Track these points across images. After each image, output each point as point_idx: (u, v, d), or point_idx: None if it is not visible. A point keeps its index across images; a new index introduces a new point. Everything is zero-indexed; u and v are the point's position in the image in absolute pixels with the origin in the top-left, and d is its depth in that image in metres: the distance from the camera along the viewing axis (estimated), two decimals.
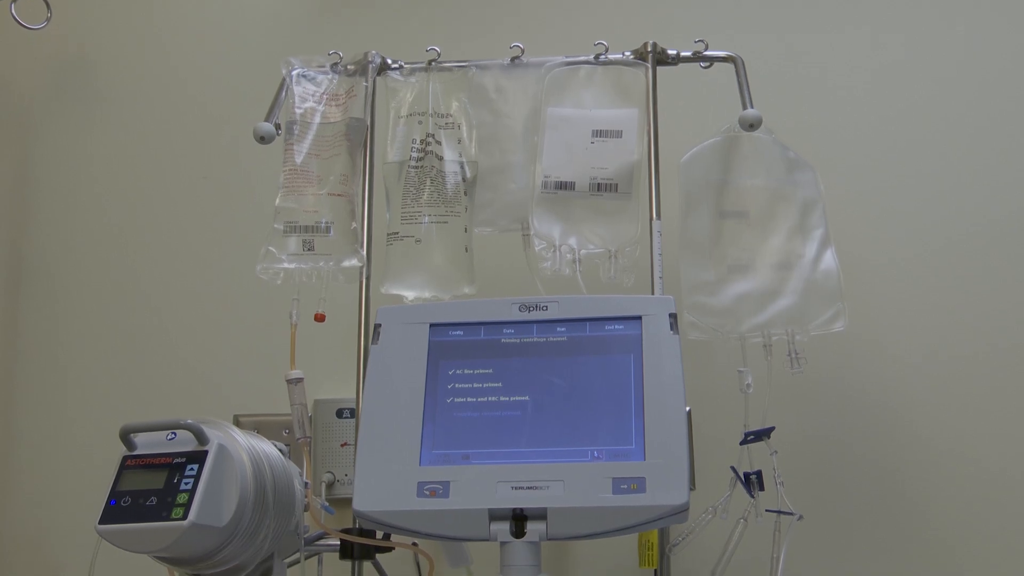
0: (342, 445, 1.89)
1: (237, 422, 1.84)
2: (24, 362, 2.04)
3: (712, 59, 1.68)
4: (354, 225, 1.62)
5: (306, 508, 1.44)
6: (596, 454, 1.29)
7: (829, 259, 1.52)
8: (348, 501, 1.32)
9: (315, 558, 1.66)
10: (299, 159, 1.64)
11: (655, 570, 1.55)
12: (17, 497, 1.99)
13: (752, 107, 1.59)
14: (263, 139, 1.63)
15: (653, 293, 1.57)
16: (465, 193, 1.65)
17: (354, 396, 1.64)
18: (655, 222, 1.61)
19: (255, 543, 1.33)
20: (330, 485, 1.87)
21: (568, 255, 1.58)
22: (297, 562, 1.46)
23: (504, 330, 1.40)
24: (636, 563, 1.55)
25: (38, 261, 2.08)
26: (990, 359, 1.81)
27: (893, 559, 1.77)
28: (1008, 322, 1.82)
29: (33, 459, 2.00)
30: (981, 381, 1.81)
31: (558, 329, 1.39)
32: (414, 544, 1.53)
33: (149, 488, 1.24)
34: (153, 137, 2.09)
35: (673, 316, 1.36)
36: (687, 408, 1.31)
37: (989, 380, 1.81)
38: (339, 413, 1.91)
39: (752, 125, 1.57)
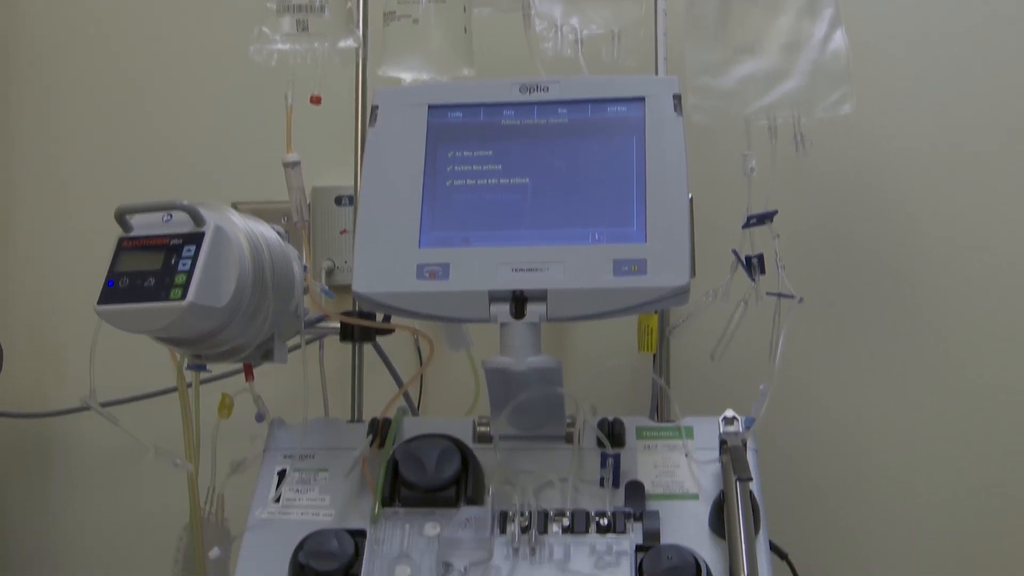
0: (341, 233, 1.88)
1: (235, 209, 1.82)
2: (19, 159, 2.02)
3: None
4: (349, 4, 1.57)
5: (305, 291, 1.44)
6: (597, 236, 1.28)
7: (839, 39, 1.48)
8: (348, 288, 1.31)
9: (316, 343, 1.66)
10: None
11: (654, 355, 1.57)
12: (18, 285, 2.00)
13: None
14: None
15: (657, 75, 1.53)
16: None
17: (352, 184, 1.63)
18: (660, 1, 1.56)
19: (255, 324, 1.34)
20: (329, 272, 1.88)
21: (570, 35, 1.54)
22: (298, 346, 1.47)
23: (504, 112, 1.37)
24: (635, 348, 1.56)
25: (27, 50, 2.04)
26: (1000, 152, 1.79)
27: (891, 344, 1.79)
28: (1021, 113, 1.79)
29: (31, 250, 2.00)
30: (987, 175, 1.79)
31: (559, 111, 1.36)
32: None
33: (147, 269, 1.24)
34: None
35: (677, 97, 1.33)
36: (689, 195, 1.30)
37: (996, 175, 1.79)
38: (338, 200, 1.89)
39: None
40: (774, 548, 1.45)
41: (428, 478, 1.34)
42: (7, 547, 1.94)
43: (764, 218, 1.45)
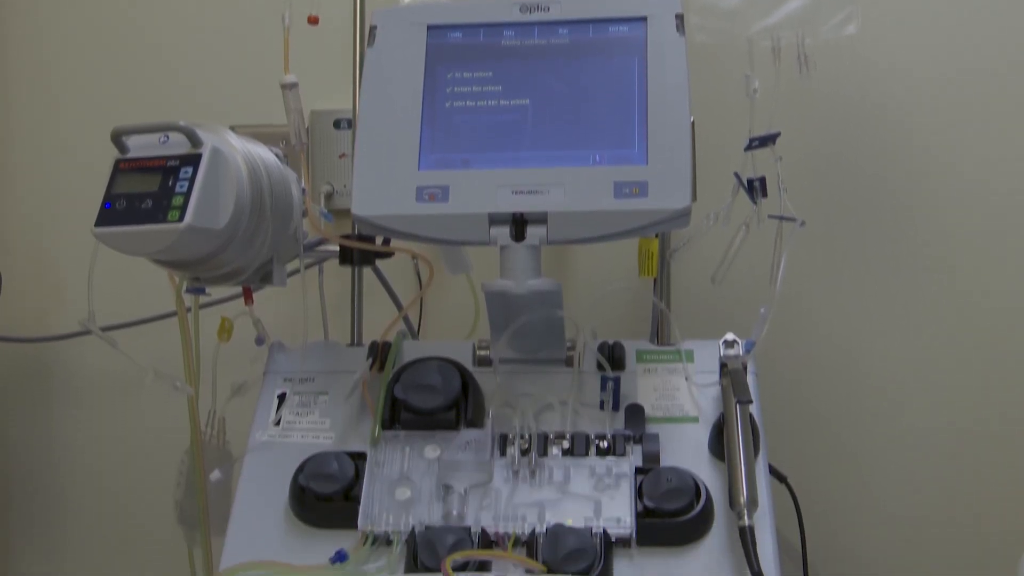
0: (340, 156, 1.87)
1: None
2: (14, 82, 2.00)
3: None
4: None
5: (304, 214, 1.43)
6: (597, 158, 1.27)
7: None
8: (347, 212, 1.30)
9: (315, 267, 1.66)
10: None
11: (655, 279, 1.56)
12: (15, 210, 1.99)
13: None
14: None
15: None
16: None
17: (351, 107, 1.61)
18: None
19: (253, 247, 1.33)
20: (328, 196, 1.86)
21: None
22: (297, 270, 1.46)
23: (504, 32, 1.35)
24: (636, 272, 1.55)
25: None
26: (1006, 76, 1.77)
27: (892, 269, 1.78)
28: None
29: (28, 173, 1.99)
30: (993, 99, 1.77)
31: (560, 31, 1.34)
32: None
33: (144, 191, 1.23)
34: None
35: (679, 17, 1.31)
36: (691, 117, 1.28)
37: (1002, 99, 1.77)
38: (336, 124, 1.88)
39: None
40: (773, 471, 1.45)
41: (428, 401, 1.34)
42: (9, 472, 1.95)
43: (767, 140, 1.43)
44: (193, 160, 1.24)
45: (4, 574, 1.93)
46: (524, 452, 1.32)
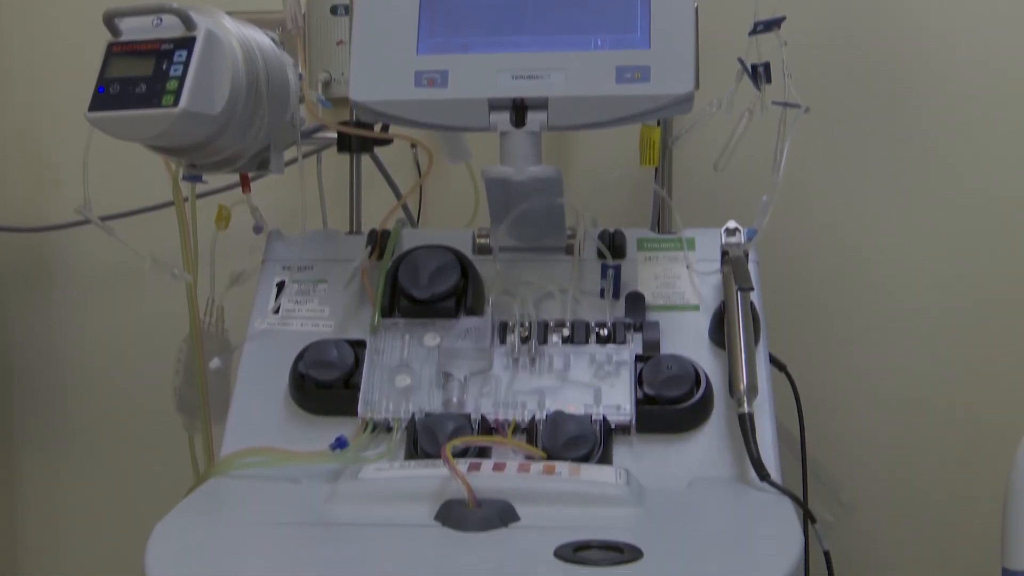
0: (338, 43, 1.83)
1: None
2: None
3: None
4: None
5: (301, 100, 1.41)
6: (599, 42, 1.24)
7: None
8: (346, 101, 1.28)
9: (314, 156, 1.64)
10: None
11: (656, 168, 1.54)
12: (8, 97, 1.96)
13: None
14: None
15: None
16: None
17: None
18: None
19: (250, 133, 1.31)
20: (326, 84, 1.83)
21: None
22: (295, 160, 1.45)
23: None
24: (637, 162, 1.53)
25: None
26: None
27: (894, 157, 1.77)
28: None
29: (19, 59, 1.96)
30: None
31: None
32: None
33: (138, 75, 1.21)
34: None
35: None
36: (695, 2, 1.26)
37: None
38: (333, 10, 1.84)
39: None
40: (773, 360, 1.45)
41: (428, 288, 1.34)
42: (10, 363, 1.95)
43: (771, 24, 1.41)
44: (187, 43, 1.22)
45: (7, 464, 1.95)
46: (524, 340, 1.32)
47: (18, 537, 1.96)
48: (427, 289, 1.34)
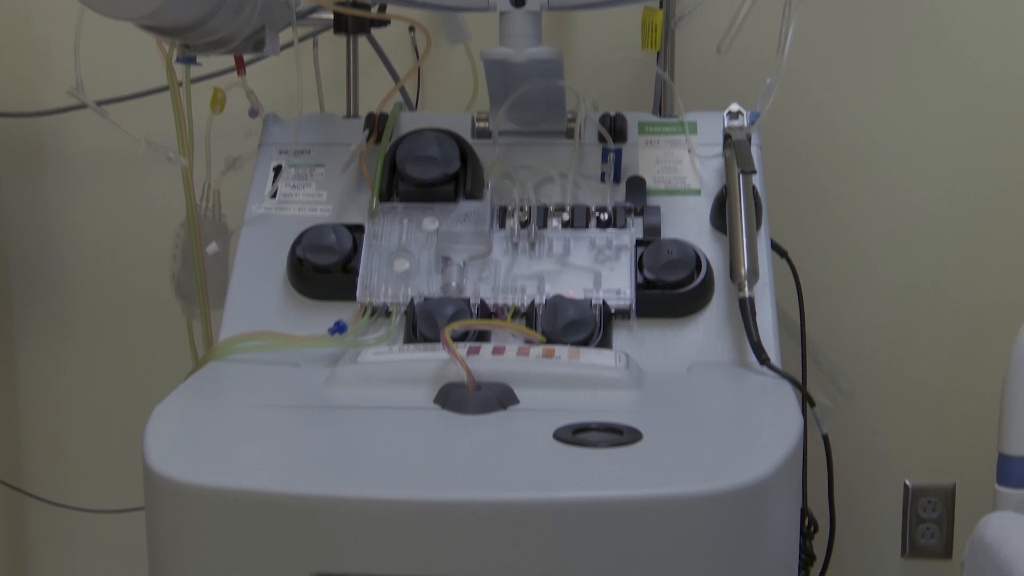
0: None
1: None
2: None
3: None
4: None
5: None
6: None
7: None
8: None
9: (310, 40, 1.61)
10: None
11: (658, 52, 1.52)
12: None
13: None
14: None
15: None
16: None
17: None
18: None
19: (243, 13, 1.29)
20: None
21: None
22: (291, 43, 1.42)
23: None
24: (639, 45, 1.50)
25: None
26: None
27: (896, 37, 1.74)
28: None
29: None
30: None
31: None
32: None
33: None
34: None
35: None
36: None
37: None
38: None
39: None
40: (774, 246, 1.44)
41: (426, 172, 1.32)
42: (7, 249, 1.94)
43: None
44: None
45: (6, 351, 1.95)
46: (523, 224, 1.31)
47: (20, 424, 1.97)
48: (426, 172, 1.32)
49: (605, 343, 1.23)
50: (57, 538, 1.96)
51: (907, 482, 1.81)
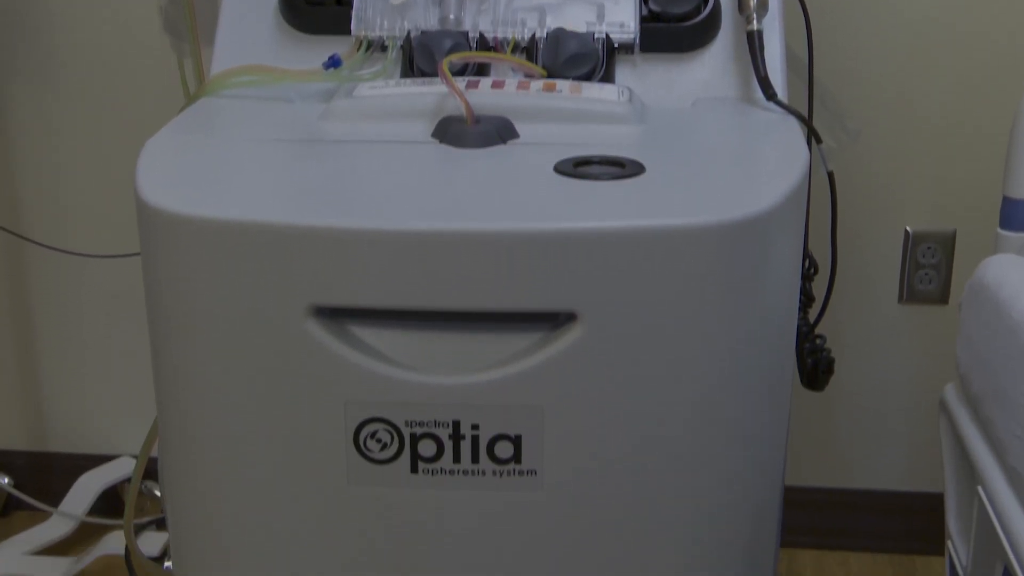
0: None
1: None
2: None
3: None
4: None
5: None
6: None
7: None
8: None
9: None
10: None
11: None
12: None
13: None
14: None
15: None
16: None
17: None
18: None
19: None
20: None
21: None
22: None
23: None
24: None
25: None
26: None
27: None
28: None
29: None
30: None
31: None
32: None
33: None
34: None
35: None
36: None
37: None
38: None
39: None
40: None
41: None
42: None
43: None
44: None
45: None
46: None
47: (15, 170, 1.95)
48: None
49: (608, 78, 1.20)
50: (57, 283, 1.97)
51: (908, 228, 1.80)
